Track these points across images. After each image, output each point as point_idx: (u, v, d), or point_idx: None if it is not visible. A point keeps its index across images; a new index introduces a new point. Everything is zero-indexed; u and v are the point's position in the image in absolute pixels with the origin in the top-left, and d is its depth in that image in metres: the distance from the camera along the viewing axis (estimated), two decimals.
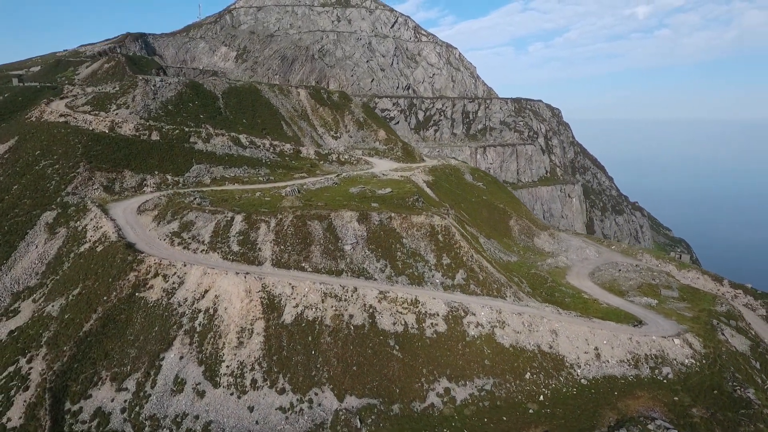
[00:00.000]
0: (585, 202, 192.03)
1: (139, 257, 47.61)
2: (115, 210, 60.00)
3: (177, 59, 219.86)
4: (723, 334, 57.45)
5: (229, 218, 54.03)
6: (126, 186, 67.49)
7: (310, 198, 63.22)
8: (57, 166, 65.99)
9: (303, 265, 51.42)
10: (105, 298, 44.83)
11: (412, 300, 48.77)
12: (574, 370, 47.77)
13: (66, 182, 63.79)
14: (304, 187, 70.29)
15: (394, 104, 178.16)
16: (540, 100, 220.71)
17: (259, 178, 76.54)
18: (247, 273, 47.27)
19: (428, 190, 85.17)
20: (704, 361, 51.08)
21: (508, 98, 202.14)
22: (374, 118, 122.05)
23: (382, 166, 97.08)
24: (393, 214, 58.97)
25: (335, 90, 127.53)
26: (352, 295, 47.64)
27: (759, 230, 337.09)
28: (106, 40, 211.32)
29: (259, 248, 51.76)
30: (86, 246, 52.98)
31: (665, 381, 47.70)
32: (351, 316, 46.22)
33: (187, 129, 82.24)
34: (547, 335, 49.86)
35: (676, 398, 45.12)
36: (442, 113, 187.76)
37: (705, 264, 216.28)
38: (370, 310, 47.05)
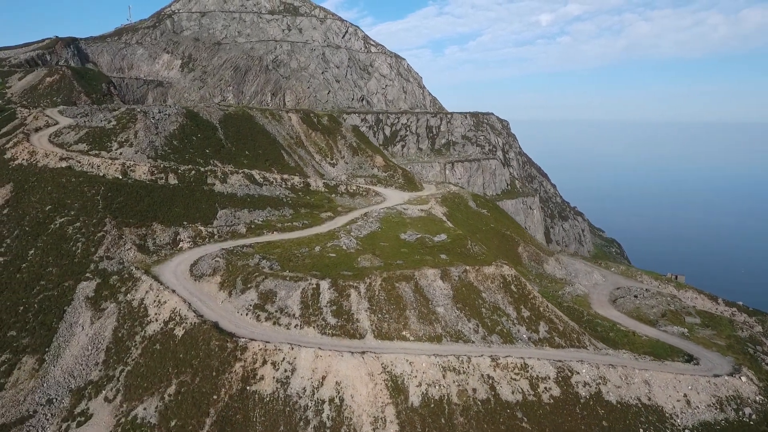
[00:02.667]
0: (542, 212, 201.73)
1: (240, 343, 42.62)
2: (165, 276, 53.40)
3: (113, 67, 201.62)
4: (766, 364, 62.80)
5: (314, 285, 50.00)
6: (159, 242, 60.34)
7: (373, 250, 60.34)
8: (78, 224, 57.45)
9: (404, 333, 48.89)
10: (215, 396, 39.66)
11: (521, 365, 48.10)
12: (675, 420, 49.71)
13: (94, 244, 55.73)
14: (352, 234, 66.99)
15: (362, 120, 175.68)
16: (491, 113, 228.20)
17: (294, 224, 71.79)
18: (363, 352, 44.03)
19: (450, 224, 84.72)
20: None
21: (467, 112, 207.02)
22: (367, 143, 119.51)
23: (394, 198, 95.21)
24: (468, 267, 57.89)
25: (323, 113, 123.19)
26: (468, 366, 46.06)
27: (657, 220, 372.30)
28: (27, 44, 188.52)
29: (357, 319, 48.45)
30: (155, 327, 46.59)
31: (751, 422, 51.08)
32: (474, 390, 44.68)
33: (202, 169, 75.31)
34: (643, 386, 51.46)
35: None
36: (407, 128, 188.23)
37: (632, 259, 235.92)
38: (490, 381, 45.78)
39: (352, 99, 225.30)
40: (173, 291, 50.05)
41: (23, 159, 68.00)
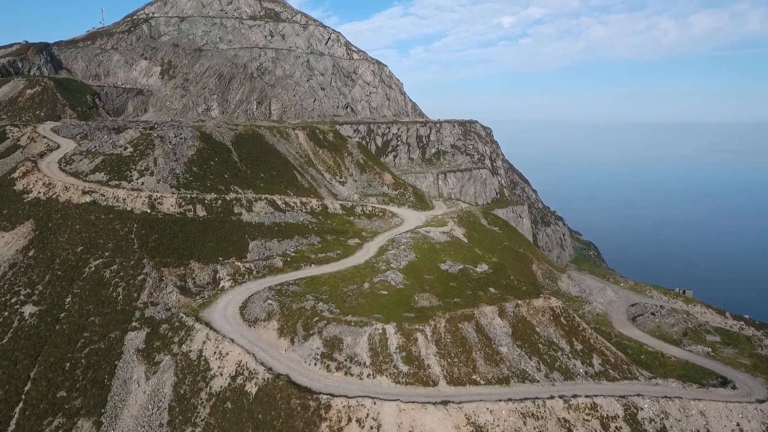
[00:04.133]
0: (530, 219, 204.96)
1: (323, 401, 40.91)
2: (216, 322, 50.85)
3: (88, 73, 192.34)
4: None
5: (380, 331, 48.65)
6: (200, 282, 57.53)
7: (422, 285, 59.35)
8: (115, 266, 54.08)
9: (474, 377, 48.19)
10: None
11: (590, 404, 48.25)
12: None
13: (136, 288, 52.58)
14: (392, 265, 65.79)
15: (354, 131, 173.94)
16: (476, 121, 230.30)
17: (328, 254, 69.89)
18: (445, 402, 43.08)
19: (480, 251, 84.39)
20: None
21: (454, 121, 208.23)
22: (374, 160, 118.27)
23: (411, 219, 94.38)
24: (519, 302, 57.76)
25: (328, 129, 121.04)
26: (544, 410, 45.81)
27: (625, 220, 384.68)
28: None
29: (428, 365, 47.41)
30: (221, 382, 44.23)
31: None
32: None
33: (228, 198, 72.53)
34: (700, 418, 52.53)
35: None
36: (398, 138, 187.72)
37: (608, 257, 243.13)
38: (566, 425, 45.67)
39: (338, 107, 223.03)
40: (232, 340, 47.72)
41: (39, 192, 63.58)
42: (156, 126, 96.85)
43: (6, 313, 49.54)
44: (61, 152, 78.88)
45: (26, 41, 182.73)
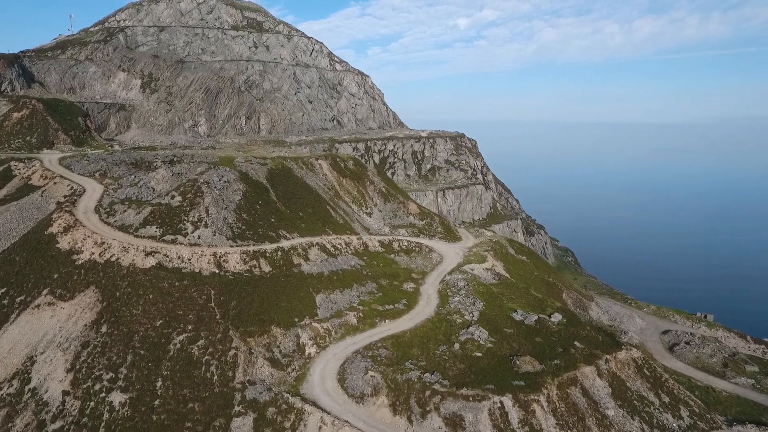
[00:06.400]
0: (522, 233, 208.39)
1: None
2: (322, 401, 48.05)
3: (63, 87, 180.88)
4: None
5: (498, 404, 47.44)
6: (285, 351, 54.36)
7: (510, 343, 58.49)
8: (201, 341, 50.23)
9: None
10: None
11: None
12: None
13: (230, 366, 49.05)
14: (466, 317, 64.63)
15: (354, 149, 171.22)
16: (463, 134, 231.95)
17: (396, 306, 67.64)
18: None
19: (533, 291, 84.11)
20: None
21: (446, 135, 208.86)
22: (395, 188, 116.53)
23: (449, 254, 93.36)
24: (607, 357, 57.94)
25: (347, 156, 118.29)
26: None
27: (589, 220, 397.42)
28: None
29: None
30: None
31: None
32: None
33: (285, 247, 69.21)
34: None
35: None
36: (394, 155, 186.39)
37: (584, 261, 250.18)
38: None
39: (325, 120, 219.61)
40: (348, 423, 45.24)
41: (93, 253, 58.30)
42: (175, 159, 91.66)
43: (92, 404, 45.04)
44: (91, 197, 73.08)
45: None
